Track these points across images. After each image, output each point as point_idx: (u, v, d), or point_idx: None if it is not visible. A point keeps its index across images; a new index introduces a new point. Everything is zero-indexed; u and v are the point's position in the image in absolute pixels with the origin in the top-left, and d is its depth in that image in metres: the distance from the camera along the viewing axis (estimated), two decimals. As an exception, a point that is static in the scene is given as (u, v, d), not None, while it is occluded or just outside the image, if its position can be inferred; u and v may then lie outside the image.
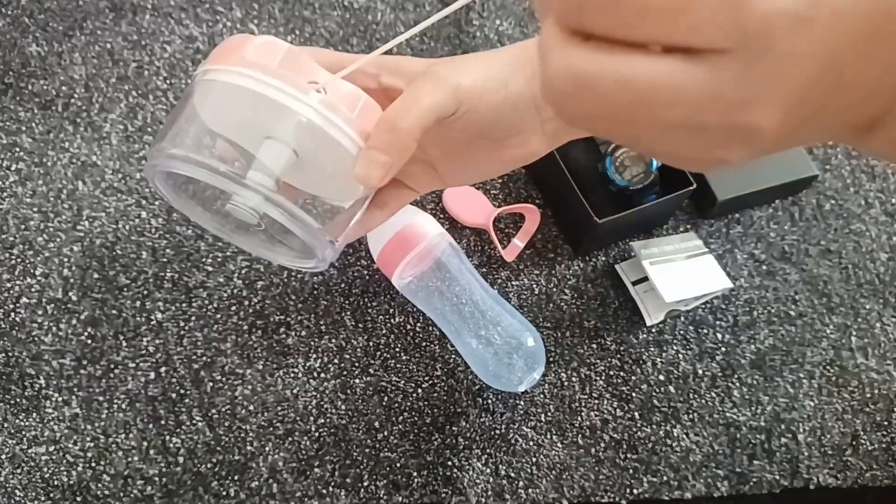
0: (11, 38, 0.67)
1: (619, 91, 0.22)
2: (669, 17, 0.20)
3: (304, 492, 0.55)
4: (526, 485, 0.56)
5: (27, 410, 0.55)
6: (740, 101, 0.21)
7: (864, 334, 0.63)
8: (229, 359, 0.57)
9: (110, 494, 0.54)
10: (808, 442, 0.59)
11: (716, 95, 0.21)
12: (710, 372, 0.60)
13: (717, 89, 0.21)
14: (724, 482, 0.57)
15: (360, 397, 0.57)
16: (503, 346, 0.54)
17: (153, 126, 0.64)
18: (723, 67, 0.21)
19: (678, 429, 0.58)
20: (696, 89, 0.21)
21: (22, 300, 0.58)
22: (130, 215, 0.61)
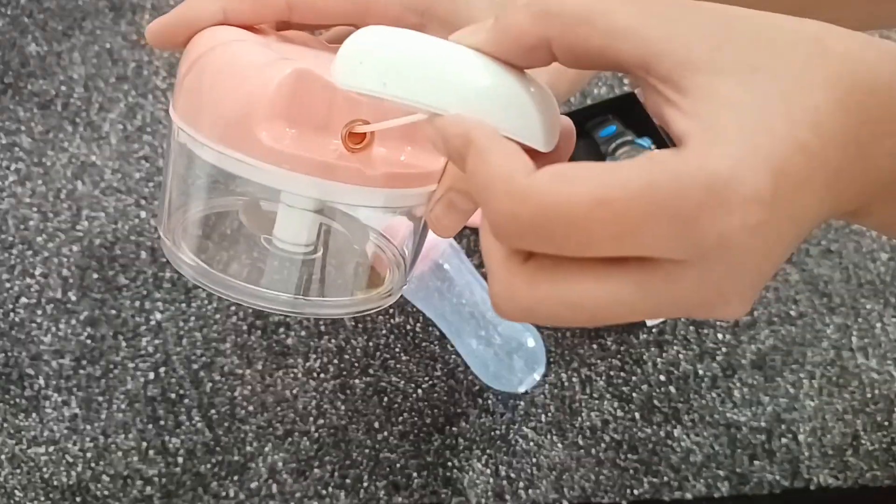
0: (11, 37, 0.67)
1: (570, 313, 0.20)
2: (615, 241, 0.19)
3: (304, 492, 0.54)
4: (526, 485, 0.56)
5: (26, 411, 0.55)
6: (702, 302, 0.20)
7: (864, 334, 0.63)
8: (228, 359, 0.57)
9: (110, 495, 0.53)
10: (808, 442, 0.59)
11: (675, 301, 0.20)
12: (710, 372, 0.60)
13: (676, 295, 0.20)
14: (725, 483, 0.57)
15: (360, 398, 0.57)
16: (503, 346, 0.54)
17: (152, 126, 0.64)
18: (679, 276, 0.19)
19: (679, 429, 0.58)
20: (653, 299, 0.20)
21: (21, 300, 0.58)
22: (130, 215, 0.61)
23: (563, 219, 0.19)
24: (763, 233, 0.19)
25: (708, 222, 0.18)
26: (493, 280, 0.22)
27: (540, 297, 0.21)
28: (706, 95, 0.19)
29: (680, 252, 0.19)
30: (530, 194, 0.19)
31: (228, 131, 0.26)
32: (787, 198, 0.19)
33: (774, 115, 0.19)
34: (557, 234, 0.19)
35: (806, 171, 0.19)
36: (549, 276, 0.20)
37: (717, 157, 0.18)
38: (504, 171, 0.20)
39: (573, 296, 0.20)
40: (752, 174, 0.18)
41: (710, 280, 0.20)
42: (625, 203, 0.18)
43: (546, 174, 0.19)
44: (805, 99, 0.19)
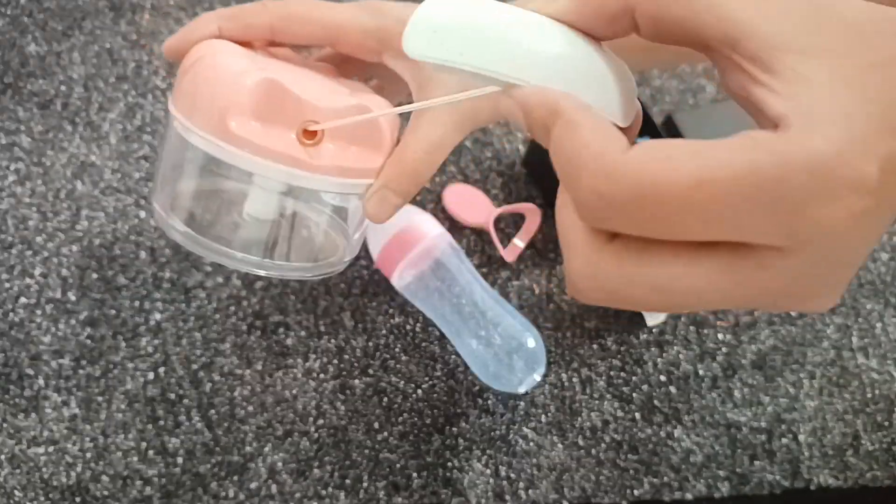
0: (10, 37, 0.67)
1: (656, 298, 0.19)
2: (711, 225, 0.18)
3: (304, 493, 0.54)
4: (526, 486, 0.56)
5: (26, 411, 0.55)
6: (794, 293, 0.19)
7: (864, 334, 0.63)
8: (228, 359, 0.57)
9: (109, 495, 0.53)
10: (808, 442, 0.59)
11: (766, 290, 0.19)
12: (711, 372, 0.60)
13: (768, 285, 0.19)
14: (725, 483, 0.57)
15: (360, 398, 0.57)
16: (503, 346, 0.54)
17: (152, 125, 0.64)
18: (773, 264, 0.19)
19: (679, 430, 0.58)
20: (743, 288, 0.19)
21: (21, 300, 0.58)
22: (129, 215, 0.61)
23: (660, 199, 0.18)
24: (865, 221, 0.18)
25: (811, 208, 0.17)
26: (574, 258, 0.20)
27: (626, 280, 0.20)
28: (800, 78, 0.19)
29: (777, 238, 0.18)
30: (625, 172, 0.18)
31: (211, 122, 0.33)
32: (889, 184, 0.18)
33: (872, 102, 0.18)
34: (651, 216, 0.18)
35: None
36: (636, 258, 0.19)
37: (822, 140, 0.17)
38: (596, 146, 0.19)
39: (661, 279, 0.19)
40: (859, 160, 0.17)
41: (805, 269, 0.19)
42: (726, 185, 0.17)
43: (641, 151, 0.18)
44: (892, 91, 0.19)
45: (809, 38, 0.19)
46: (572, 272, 0.21)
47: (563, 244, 0.21)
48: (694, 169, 0.17)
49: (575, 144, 0.19)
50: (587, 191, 0.19)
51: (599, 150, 0.19)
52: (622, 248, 0.20)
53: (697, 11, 0.20)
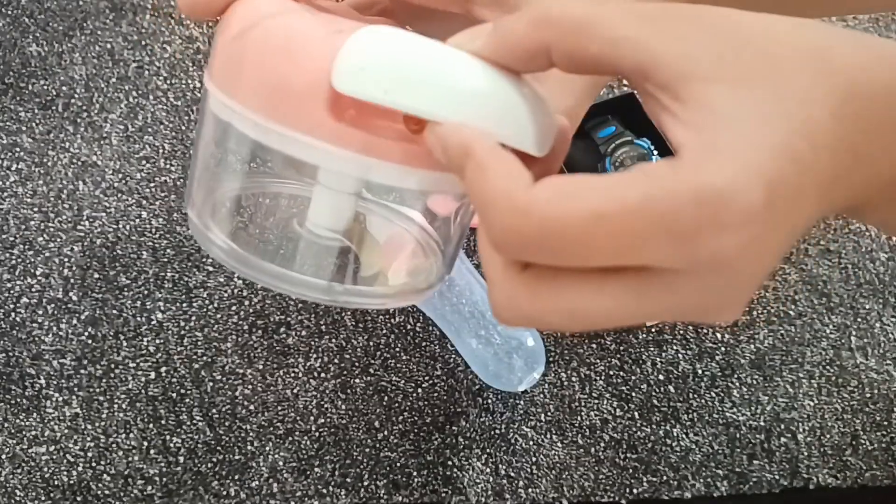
0: (12, 38, 0.67)
1: (570, 320, 0.21)
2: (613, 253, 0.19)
3: (305, 491, 0.55)
4: (526, 484, 0.56)
5: (27, 410, 0.55)
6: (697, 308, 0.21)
7: (863, 334, 0.63)
8: (229, 358, 0.57)
9: (111, 494, 0.54)
10: (807, 442, 0.59)
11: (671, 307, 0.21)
12: (709, 372, 0.60)
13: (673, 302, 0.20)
14: (724, 482, 0.57)
15: (361, 397, 0.57)
16: (503, 345, 0.54)
17: (153, 126, 0.64)
18: (675, 284, 0.20)
19: (678, 428, 0.58)
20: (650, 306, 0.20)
21: (22, 300, 0.58)
22: (131, 215, 0.61)
23: (563, 233, 0.19)
24: (756, 245, 0.19)
25: (702, 237, 0.19)
26: (494, 289, 0.22)
27: (540, 306, 0.21)
28: (703, 105, 0.20)
29: (676, 263, 0.19)
30: (530, 210, 0.19)
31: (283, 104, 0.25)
32: (779, 209, 0.19)
33: (769, 127, 0.19)
34: (557, 248, 0.19)
35: (798, 181, 0.19)
36: (548, 286, 0.21)
37: (711, 171, 0.19)
38: (504, 186, 0.20)
39: (573, 304, 0.21)
40: (746, 189, 0.18)
41: (706, 289, 0.20)
42: (622, 218, 0.19)
43: (545, 189, 0.20)
44: (801, 110, 0.20)
45: (722, 68, 0.20)
46: (493, 301, 0.22)
47: (485, 275, 0.23)
48: (592, 204, 0.19)
49: (484, 183, 0.21)
50: (498, 228, 0.20)
51: (507, 189, 0.20)
52: (534, 278, 0.21)
53: (611, 47, 0.21)
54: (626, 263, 0.20)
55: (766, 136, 0.19)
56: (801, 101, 0.20)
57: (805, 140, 0.19)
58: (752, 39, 0.21)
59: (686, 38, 0.21)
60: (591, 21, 0.21)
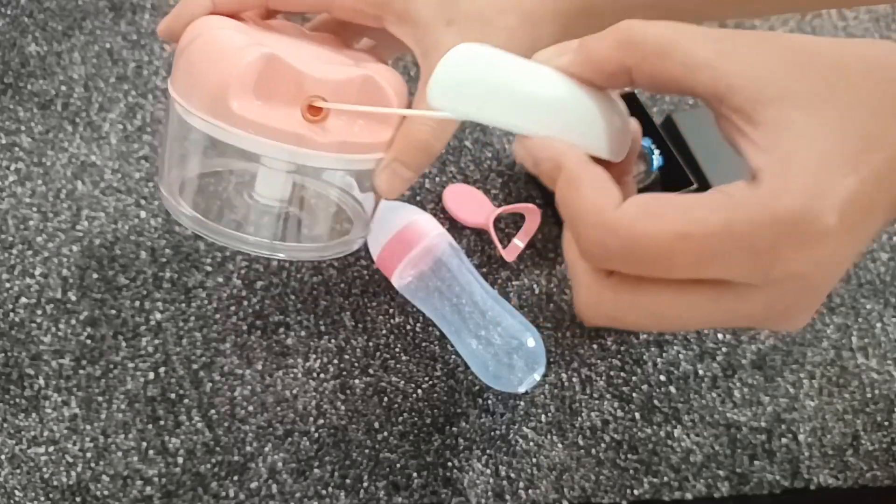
0: (10, 37, 0.67)
1: (651, 321, 0.23)
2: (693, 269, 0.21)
3: (304, 492, 0.54)
4: (526, 485, 0.56)
5: (26, 410, 0.55)
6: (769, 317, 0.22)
7: (864, 334, 0.63)
8: (228, 359, 0.57)
9: (109, 495, 0.53)
10: (808, 442, 0.59)
11: (745, 316, 0.22)
12: (710, 372, 0.60)
13: (746, 312, 0.22)
14: (725, 483, 0.57)
15: (360, 398, 0.57)
16: (503, 346, 0.54)
17: (152, 126, 0.64)
18: (750, 296, 0.21)
19: (679, 429, 0.58)
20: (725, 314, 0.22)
21: (21, 300, 0.58)
22: (129, 215, 0.61)
23: (649, 250, 0.21)
24: (829, 261, 0.21)
25: (779, 258, 0.20)
26: (580, 290, 0.24)
27: (625, 308, 0.23)
28: (778, 128, 0.21)
29: (752, 279, 0.21)
30: (619, 227, 0.21)
31: (211, 103, 0.31)
32: (852, 224, 0.20)
33: (842, 143, 0.20)
34: (643, 262, 0.21)
35: (870, 198, 0.20)
36: (632, 290, 0.22)
37: (787, 195, 0.20)
38: (595, 202, 0.22)
39: (654, 307, 0.22)
40: (821, 211, 0.19)
41: (778, 301, 0.22)
42: (704, 239, 0.20)
43: (633, 207, 0.21)
44: (876, 125, 0.20)
45: (791, 86, 0.21)
46: (579, 302, 0.24)
47: (571, 276, 0.25)
48: (677, 224, 0.20)
49: (576, 199, 0.23)
50: (587, 241, 0.22)
51: (597, 205, 0.22)
52: (619, 283, 0.23)
53: (689, 71, 0.22)
54: (706, 277, 0.21)
55: (840, 155, 0.20)
56: (873, 114, 0.20)
57: (881, 154, 0.20)
58: (821, 56, 0.22)
59: (758, 62, 0.22)
60: (672, 45, 0.23)
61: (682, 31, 0.23)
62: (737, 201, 0.20)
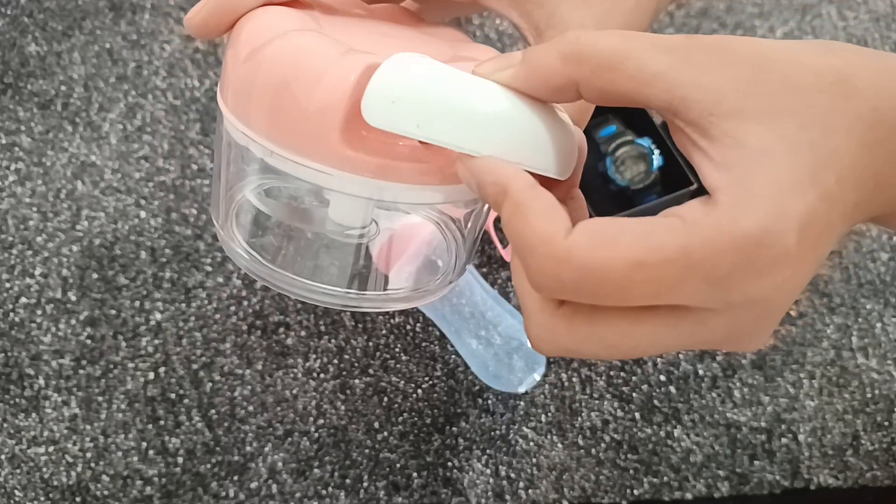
0: (10, 37, 0.67)
1: (608, 352, 0.22)
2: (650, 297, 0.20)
3: (304, 492, 0.54)
4: (526, 485, 0.56)
5: (26, 410, 0.55)
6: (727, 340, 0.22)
7: (864, 334, 0.63)
8: (228, 359, 0.57)
9: (109, 495, 0.53)
10: (808, 442, 0.59)
11: (703, 340, 0.21)
12: (710, 372, 0.60)
13: (705, 336, 0.21)
14: (725, 483, 0.57)
15: (360, 398, 0.57)
16: (503, 346, 0.54)
17: (152, 126, 0.64)
18: (708, 321, 0.21)
19: (679, 429, 0.58)
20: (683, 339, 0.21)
21: (21, 300, 0.58)
22: (129, 215, 0.61)
23: (604, 280, 0.20)
24: (788, 285, 0.20)
25: (738, 283, 0.19)
26: (532, 323, 0.23)
27: (579, 339, 0.22)
28: (734, 144, 0.20)
29: (711, 304, 0.20)
30: (570, 257, 0.20)
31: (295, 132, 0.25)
32: (810, 246, 0.20)
33: (798, 165, 0.20)
34: (596, 292, 0.20)
35: (827, 217, 0.20)
36: (585, 321, 0.21)
37: (745, 218, 0.19)
38: (544, 232, 0.21)
39: (610, 337, 0.21)
40: (781, 234, 0.19)
41: (737, 325, 0.21)
42: (661, 266, 0.19)
43: (584, 235, 0.20)
44: (828, 143, 0.20)
45: (747, 101, 0.20)
46: (531, 335, 0.23)
47: (522, 307, 0.23)
48: (631, 252, 0.19)
49: (524, 227, 0.21)
50: (537, 271, 0.21)
51: (546, 234, 0.21)
52: (572, 313, 0.22)
53: (641, 84, 0.21)
54: (663, 303, 0.20)
55: (796, 175, 0.19)
56: (826, 131, 0.20)
57: (833, 174, 0.20)
58: (776, 69, 0.21)
59: (713, 73, 0.21)
60: (622, 58, 0.21)
61: (634, 42, 0.22)
62: (693, 226, 0.19)
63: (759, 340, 0.22)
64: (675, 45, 0.21)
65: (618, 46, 0.22)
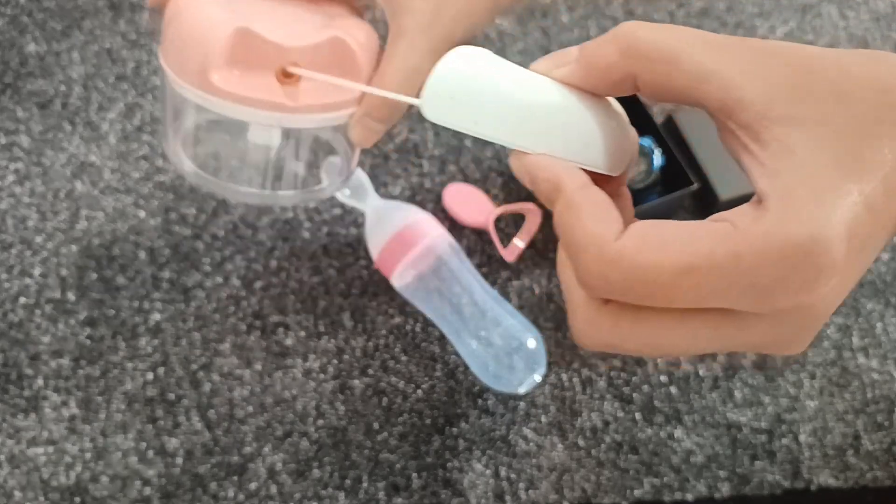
0: (10, 37, 0.66)
1: (650, 349, 0.22)
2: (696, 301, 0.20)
3: (303, 493, 0.54)
4: (526, 486, 0.56)
5: (25, 411, 0.55)
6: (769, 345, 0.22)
7: (865, 334, 0.63)
8: (227, 360, 0.57)
9: (109, 495, 0.53)
10: (809, 443, 0.59)
11: (745, 343, 0.22)
12: (711, 373, 0.60)
13: (747, 339, 0.22)
14: (726, 483, 0.57)
15: (360, 398, 0.57)
16: (504, 347, 0.53)
17: (151, 125, 0.64)
18: (752, 325, 0.21)
19: (679, 430, 0.58)
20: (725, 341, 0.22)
21: (20, 300, 0.58)
22: (128, 215, 0.61)
23: (652, 284, 0.20)
24: (833, 293, 0.21)
25: (784, 292, 0.20)
26: (577, 316, 0.23)
27: (623, 336, 0.22)
28: (784, 151, 0.20)
29: (755, 309, 0.21)
30: (620, 260, 0.20)
31: (195, 76, 0.34)
32: (856, 255, 0.20)
33: (845, 175, 0.20)
34: (644, 294, 0.21)
35: (872, 225, 0.20)
36: (631, 319, 0.22)
37: (794, 227, 0.19)
38: (595, 232, 0.21)
39: (653, 335, 0.22)
40: (828, 243, 0.19)
41: (779, 330, 0.21)
42: (709, 272, 0.20)
43: (634, 238, 0.21)
44: (874, 153, 0.20)
45: (796, 106, 0.20)
46: (575, 327, 0.23)
47: (567, 300, 0.24)
48: (680, 257, 0.20)
49: (576, 227, 0.22)
50: (587, 272, 0.21)
51: (597, 236, 0.21)
52: (618, 311, 0.22)
53: (697, 81, 0.22)
54: (709, 306, 0.21)
55: (843, 184, 0.20)
56: (874, 143, 0.20)
57: (878, 183, 0.20)
58: (824, 76, 0.21)
59: (765, 76, 0.21)
60: (679, 54, 0.22)
61: (686, 37, 0.22)
62: (743, 233, 0.20)
63: (800, 345, 0.22)
64: (727, 44, 0.22)
65: (674, 41, 0.22)
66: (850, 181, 0.20)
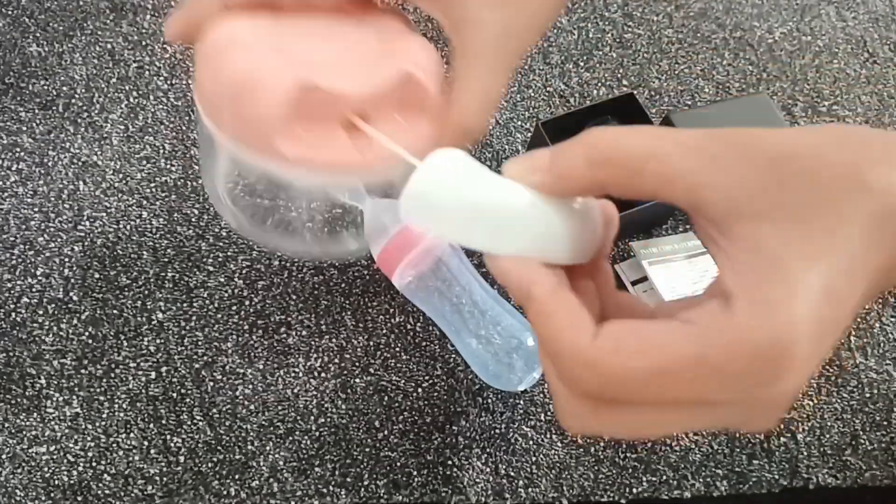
0: (12, 38, 0.67)
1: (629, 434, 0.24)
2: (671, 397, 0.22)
3: (305, 491, 0.55)
4: (526, 484, 0.56)
5: (28, 410, 0.55)
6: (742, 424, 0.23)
7: (863, 334, 0.63)
8: (230, 358, 0.57)
9: (111, 494, 0.54)
10: (807, 441, 0.59)
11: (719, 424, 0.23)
12: (709, 371, 0.60)
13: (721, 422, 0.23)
14: (724, 481, 0.57)
15: (361, 397, 0.57)
16: (503, 345, 0.54)
17: (154, 126, 0.64)
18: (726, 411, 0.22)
19: (678, 428, 0.58)
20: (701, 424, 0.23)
21: (23, 300, 0.58)
22: (131, 215, 0.61)
23: (627, 385, 0.22)
24: (800, 383, 0.21)
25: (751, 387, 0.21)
26: (561, 409, 0.25)
27: (603, 425, 0.24)
28: (750, 248, 0.21)
29: (726, 398, 0.22)
30: (594, 365, 0.22)
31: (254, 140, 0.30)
32: (820, 345, 0.21)
33: (814, 270, 0.21)
34: (619, 393, 0.22)
35: (837, 315, 0.21)
36: (609, 410, 0.23)
37: (759, 333, 0.20)
38: (570, 337, 0.23)
39: (631, 425, 0.23)
40: (793, 346, 0.20)
41: (749, 413, 0.23)
42: (679, 373, 0.21)
43: (608, 342, 0.22)
44: (841, 244, 0.21)
45: (761, 202, 0.21)
46: (561, 418, 0.25)
47: (552, 392, 0.25)
48: (653, 362, 0.21)
49: (550, 332, 0.23)
50: (566, 375, 0.23)
51: (572, 341, 0.22)
52: (599, 405, 0.23)
53: (664, 185, 0.23)
54: (683, 400, 0.22)
55: (811, 280, 0.20)
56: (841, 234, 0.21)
57: (847, 278, 0.21)
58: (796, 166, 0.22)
59: (733, 173, 0.22)
60: (646, 161, 0.23)
61: (658, 141, 0.23)
62: (709, 333, 0.21)
63: (767, 424, 0.23)
64: (697, 144, 0.22)
65: (642, 149, 0.23)
66: (815, 272, 0.21)
